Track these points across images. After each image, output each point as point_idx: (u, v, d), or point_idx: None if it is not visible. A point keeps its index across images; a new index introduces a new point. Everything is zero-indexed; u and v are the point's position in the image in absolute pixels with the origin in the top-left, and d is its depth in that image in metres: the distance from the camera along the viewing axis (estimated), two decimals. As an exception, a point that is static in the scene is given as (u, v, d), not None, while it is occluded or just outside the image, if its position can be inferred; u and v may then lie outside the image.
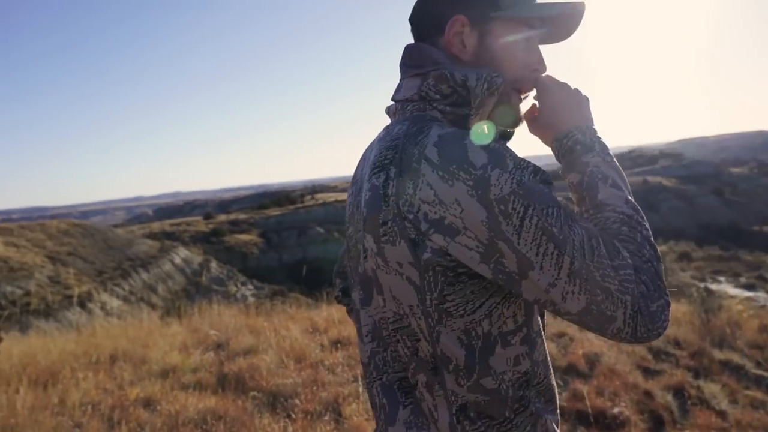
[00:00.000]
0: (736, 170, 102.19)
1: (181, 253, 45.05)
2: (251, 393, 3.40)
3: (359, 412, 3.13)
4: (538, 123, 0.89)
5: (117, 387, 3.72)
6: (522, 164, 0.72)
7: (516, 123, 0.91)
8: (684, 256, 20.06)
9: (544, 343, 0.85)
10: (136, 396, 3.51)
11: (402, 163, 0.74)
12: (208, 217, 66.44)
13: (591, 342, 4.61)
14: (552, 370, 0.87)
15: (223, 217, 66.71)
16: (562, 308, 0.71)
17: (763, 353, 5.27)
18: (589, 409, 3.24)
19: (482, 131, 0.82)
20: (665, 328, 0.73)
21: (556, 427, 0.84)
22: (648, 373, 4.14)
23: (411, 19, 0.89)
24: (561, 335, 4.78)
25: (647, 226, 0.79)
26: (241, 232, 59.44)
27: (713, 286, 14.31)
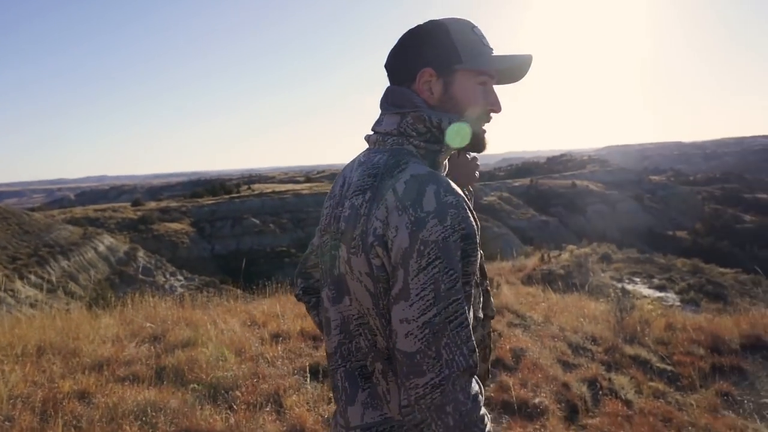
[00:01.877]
0: (655, 178, 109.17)
1: (106, 241, 42.96)
2: (191, 385, 3.42)
3: (300, 403, 3.24)
4: None
5: (47, 380, 3.62)
6: (457, 227, 0.85)
7: (482, 148, 1.07)
8: (605, 258, 21.30)
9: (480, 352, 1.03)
10: (69, 389, 3.44)
11: (376, 190, 0.90)
12: (136, 203, 63.54)
13: (518, 338, 4.93)
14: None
15: (153, 205, 64.04)
16: (398, 343, 0.85)
17: (668, 349, 5.82)
18: (514, 399, 3.51)
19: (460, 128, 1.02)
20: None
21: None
22: (567, 366, 4.50)
23: (386, 66, 1.04)
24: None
25: None
26: (172, 220, 57.39)
27: (629, 287, 15.31)
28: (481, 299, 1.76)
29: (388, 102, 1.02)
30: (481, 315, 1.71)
